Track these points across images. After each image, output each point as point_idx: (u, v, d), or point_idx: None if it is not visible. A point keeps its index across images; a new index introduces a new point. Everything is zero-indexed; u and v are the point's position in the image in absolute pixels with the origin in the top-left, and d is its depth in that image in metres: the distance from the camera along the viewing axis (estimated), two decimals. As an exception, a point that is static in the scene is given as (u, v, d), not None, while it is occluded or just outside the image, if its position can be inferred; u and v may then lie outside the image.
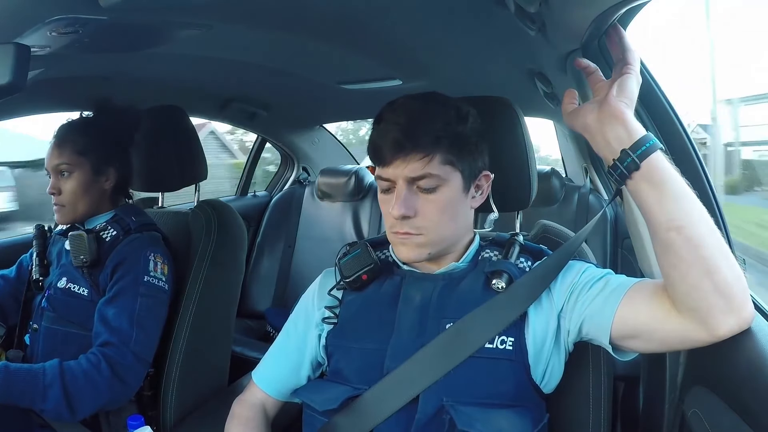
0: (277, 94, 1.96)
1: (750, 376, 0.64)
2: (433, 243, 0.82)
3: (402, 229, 0.81)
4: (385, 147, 0.80)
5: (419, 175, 0.79)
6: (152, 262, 1.20)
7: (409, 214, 0.79)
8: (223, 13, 1.01)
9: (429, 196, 0.80)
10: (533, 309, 0.81)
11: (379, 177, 0.83)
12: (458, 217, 0.84)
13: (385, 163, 0.80)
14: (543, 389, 0.82)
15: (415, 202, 0.80)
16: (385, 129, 0.80)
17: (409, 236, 0.81)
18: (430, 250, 0.83)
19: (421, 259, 0.84)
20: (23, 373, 1.04)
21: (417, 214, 0.80)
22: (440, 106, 0.82)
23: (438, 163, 0.79)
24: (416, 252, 0.82)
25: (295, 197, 2.61)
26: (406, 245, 0.82)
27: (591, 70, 0.79)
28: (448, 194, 0.81)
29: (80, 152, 1.22)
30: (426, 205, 0.80)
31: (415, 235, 0.81)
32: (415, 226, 0.80)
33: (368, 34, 1.20)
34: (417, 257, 0.83)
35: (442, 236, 0.83)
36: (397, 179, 0.80)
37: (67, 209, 1.23)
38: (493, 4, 0.88)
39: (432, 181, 0.79)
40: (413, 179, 0.79)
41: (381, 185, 0.83)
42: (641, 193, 0.69)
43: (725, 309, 0.65)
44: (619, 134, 0.70)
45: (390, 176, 0.81)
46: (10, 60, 0.83)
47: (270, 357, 0.98)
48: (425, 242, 0.82)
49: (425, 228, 0.81)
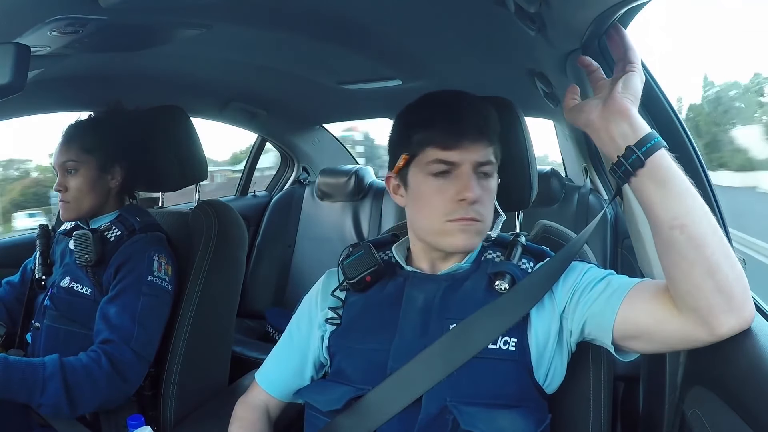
0: (277, 94, 1.96)
1: (750, 376, 0.64)
2: (485, 231, 0.84)
3: (468, 214, 0.81)
4: (459, 130, 0.81)
5: (486, 161, 0.82)
6: (156, 263, 1.21)
7: (478, 199, 0.81)
8: (223, 13, 1.01)
9: (486, 183, 0.83)
10: (536, 310, 0.81)
11: (442, 161, 0.81)
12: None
13: (455, 146, 0.81)
14: (546, 390, 0.82)
15: (478, 188, 0.81)
16: (455, 112, 0.82)
17: (474, 223, 0.81)
18: (482, 239, 0.85)
19: (474, 247, 0.85)
20: (23, 366, 1.03)
21: (479, 200, 0.81)
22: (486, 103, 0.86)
23: (492, 153, 0.83)
24: (475, 239, 0.83)
25: (295, 197, 2.61)
26: (467, 232, 0.82)
27: (593, 68, 0.79)
28: (494, 184, 0.85)
29: (87, 150, 1.23)
30: (485, 193, 0.82)
31: (478, 222, 0.82)
32: (478, 212, 0.81)
33: (368, 34, 1.20)
34: (474, 244, 0.84)
35: (488, 226, 0.85)
36: (464, 163, 0.81)
37: (72, 206, 1.23)
38: (492, 4, 0.88)
39: (491, 168, 0.83)
40: (480, 164, 0.81)
41: (436, 169, 0.82)
42: (645, 191, 0.69)
43: (726, 308, 0.65)
44: (624, 131, 0.69)
45: (456, 159, 0.81)
46: (10, 60, 0.83)
47: (273, 358, 0.98)
48: (483, 229, 0.83)
49: (483, 215, 0.82)
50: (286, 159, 2.75)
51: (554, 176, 2.28)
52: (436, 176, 0.82)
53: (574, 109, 0.77)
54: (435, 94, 0.86)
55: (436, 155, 0.81)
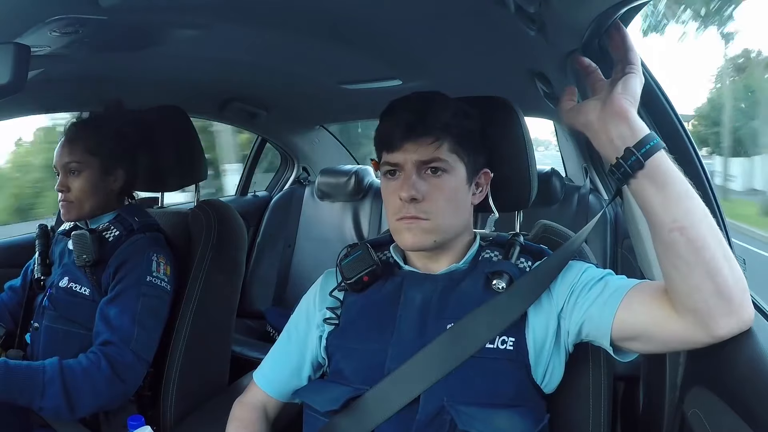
0: (277, 94, 1.96)
1: (750, 376, 0.64)
2: (439, 230, 0.83)
3: (409, 212, 0.81)
4: (396, 131, 0.82)
5: (429, 158, 0.81)
6: (155, 263, 1.21)
7: (417, 197, 0.80)
8: (222, 13, 1.01)
9: (437, 180, 0.82)
10: (533, 309, 0.81)
11: (386, 163, 0.84)
12: (461, 208, 0.85)
13: (394, 147, 0.82)
14: (544, 389, 0.82)
15: (423, 186, 0.81)
16: (398, 115, 0.83)
17: (416, 221, 0.81)
18: (435, 237, 0.83)
19: (425, 246, 0.83)
20: (23, 370, 1.04)
21: (425, 198, 0.81)
22: (449, 100, 0.86)
23: (446, 150, 0.82)
24: (422, 238, 0.82)
25: (295, 197, 2.61)
26: (412, 231, 0.82)
27: (591, 69, 0.79)
28: (453, 182, 0.83)
29: (91, 151, 1.23)
30: (433, 190, 0.82)
31: (422, 220, 0.81)
32: (422, 210, 0.81)
33: (368, 34, 1.20)
34: (422, 243, 0.83)
35: (447, 224, 0.83)
36: (406, 163, 0.82)
37: (74, 206, 1.23)
38: (492, 4, 0.88)
39: (441, 164, 0.82)
40: (423, 163, 0.81)
41: (386, 170, 0.85)
42: (644, 193, 0.69)
43: (726, 311, 0.65)
44: (623, 132, 0.69)
45: (399, 160, 0.82)
46: (10, 60, 0.83)
47: (271, 358, 0.98)
48: (431, 228, 0.82)
49: (432, 213, 0.81)
50: (286, 159, 2.75)
51: (554, 176, 2.28)
52: (387, 177, 0.85)
53: (572, 111, 0.77)
54: (401, 98, 0.86)
55: (384, 158, 0.84)
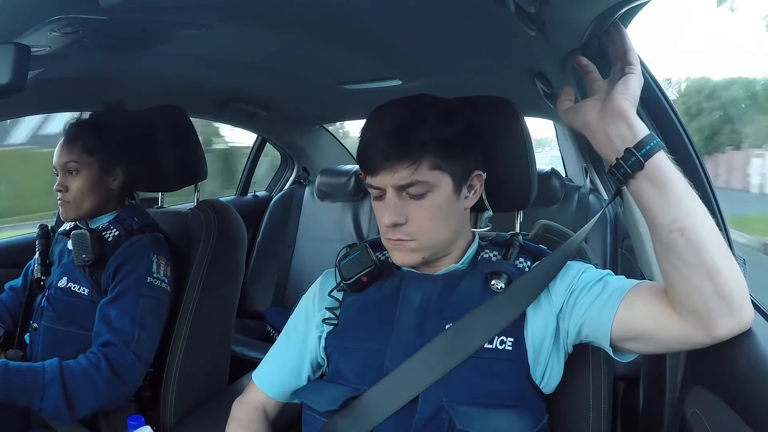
0: (277, 94, 1.96)
1: (750, 376, 0.64)
2: (426, 248, 0.82)
3: (394, 236, 0.81)
4: (372, 157, 0.80)
5: (407, 183, 0.79)
6: (155, 264, 1.21)
7: (399, 222, 0.80)
8: (223, 13, 1.01)
9: (419, 202, 0.80)
10: (532, 309, 0.80)
11: (369, 186, 0.83)
12: (450, 220, 0.83)
13: (373, 172, 0.80)
14: (543, 389, 0.82)
15: (405, 209, 0.80)
16: (372, 138, 0.80)
17: (402, 242, 0.81)
18: (423, 255, 0.83)
19: (415, 264, 0.84)
20: (23, 371, 1.04)
21: (408, 221, 0.80)
22: (427, 109, 0.80)
23: (426, 169, 0.78)
24: (410, 257, 0.83)
25: (295, 197, 2.61)
26: (399, 251, 0.83)
27: (589, 69, 0.79)
28: (437, 199, 0.80)
29: (90, 151, 1.23)
30: (416, 212, 0.80)
31: (407, 241, 0.81)
32: (406, 233, 0.81)
33: (368, 34, 1.20)
34: (411, 262, 0.83)
35: (434, 240, 0.83)
36: (386, 187, 0.80)
37: (72, 206, 1.23)
38: (492, 4, 0.88)
39: (420, 187, 0.79)
40: (402, 187, 0.79)
41: (372, 193, 0.83)
42: (644, 194, 0.69)
43: (725, 312, 0.65)
44: (622, 132, 0.69)
45: (379, 185, 0.81)
46: (10, 60, 0.82)
47: (270, 358, 0.98)
48: (418, 247, 0.82)
49: (417, 234, 0.81)
50: (286, 159, 2.75)
51: (554, 176, 2.28)
52: (375, 198, 0.83)
53: (570, 111, 0.76)
54: (380, 109, 0.82)
55: (367, 180, 0.83)
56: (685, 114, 9.21)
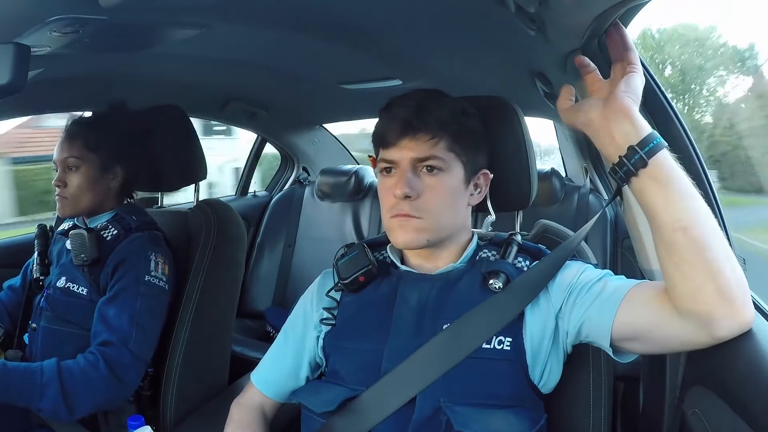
0: (277, 94, 1.96)
1: (750, 376, 0.64)
2: (432, 229, 0.82)
3: (402, 210, 0.81)
4: (393, 128, 0.81)
5: (425, 156, 0.80)
6: (153, 262, 1.20)
7: (411, 194, 0.80)
8: (222, 13, 1.01)
9: (432, 179, 0.81)
10: (530, 309, 0.80)
11: (383, 159, 0.83)
12: (457, 208, 0.84)
13: (391, 144, 0.82)
14: (541, 389, 0.82)
15: (418, 183, 0.81)
16: (395, 112, 0.82)
17: (409, 219, 0.81)
18: (428, 236, 0.82)
19: (418, 245, 0.83)
20: (21, 372, 1.04)
21: (419, 196, 0.81)
22: (447, 98, 0.86)
23: (443, 149, 0.81)
24: (414, 236, 0.81)
25: (295, 197, 2.61)
26: (404, 228, 0.81)
27: (590, 69, 0.79)
28: (449, 181, 0.82)
29: (90, 148, 1.23)
30: (428, 189, 0.81)
31: (415, 218, 0.81)
32: (416, 208, 0.81)
33: (368, 34, 1.20)
34: (414, 242, 0.82)
35: (441, 223, 0.82)
36: (402, 160, 0.81)
37: (70, 202, 1.23)
38: (492, 4, 0.88)
39: (437, 162, 0.81)
40: (419, 160, 0.81)
41: (382, 167, 0.84)
42: (647, 192, 0.68)
43: (727, 312, 0.65)
44: (626, 130, 0.69)
45: (395, 157, 0.82)
46: (10, 60, 0.83)
47: (269, 359, 0.98)
48: (424, 227, 0.81)
49: (426, 211, 0.81)
50: (286, 159, 2.75)
51: (554, 176, 2.28)
52: (383, 174, 0.84)
53: (571, 110, 0.76)
54: (400, 95, 0.86)
55: (381, 154, 0.84)
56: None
